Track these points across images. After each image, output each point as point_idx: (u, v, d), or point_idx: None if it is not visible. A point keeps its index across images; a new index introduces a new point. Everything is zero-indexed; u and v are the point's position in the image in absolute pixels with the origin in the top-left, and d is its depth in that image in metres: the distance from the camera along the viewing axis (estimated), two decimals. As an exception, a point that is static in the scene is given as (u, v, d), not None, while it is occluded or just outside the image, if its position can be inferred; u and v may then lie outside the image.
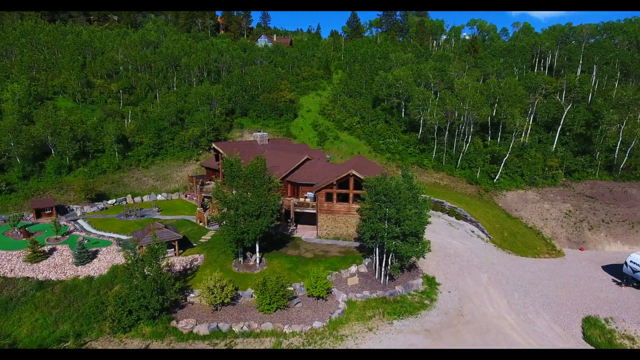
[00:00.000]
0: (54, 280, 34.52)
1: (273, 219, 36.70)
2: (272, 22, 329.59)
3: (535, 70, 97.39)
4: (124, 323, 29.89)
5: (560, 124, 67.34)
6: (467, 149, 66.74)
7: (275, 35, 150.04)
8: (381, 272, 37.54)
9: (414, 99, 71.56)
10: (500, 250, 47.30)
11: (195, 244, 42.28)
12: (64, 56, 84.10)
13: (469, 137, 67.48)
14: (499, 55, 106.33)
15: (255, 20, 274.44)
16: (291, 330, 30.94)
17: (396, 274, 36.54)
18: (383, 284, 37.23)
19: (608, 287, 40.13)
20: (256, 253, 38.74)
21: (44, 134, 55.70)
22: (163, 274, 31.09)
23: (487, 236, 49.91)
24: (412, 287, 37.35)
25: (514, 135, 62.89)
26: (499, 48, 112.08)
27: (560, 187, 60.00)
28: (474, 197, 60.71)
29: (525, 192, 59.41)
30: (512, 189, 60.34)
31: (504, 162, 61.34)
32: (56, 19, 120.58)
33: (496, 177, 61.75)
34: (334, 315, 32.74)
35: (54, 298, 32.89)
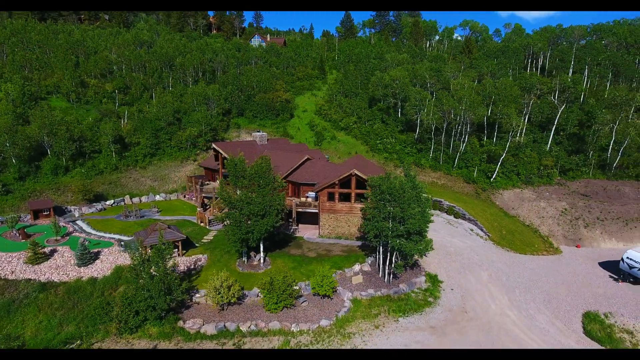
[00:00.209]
0: (57, 281, 34.13)
1: (278, 218, 36.80)
2: (264, 22, 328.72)
3: (528, 71, 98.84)
4: (130, 324, 29.72)
5: (554, 123, 68.49)
6: (464, 149, 67.53)
7: (268, 35, 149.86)
8: (385, 271, 37.85)
9: (411, 99, 72.19)
10: (499, 248, 48.00)
11: (198, 245, 42.13)
12: (57, 55, 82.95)
13: (465, 137, 68.26)
14: (492, 56, 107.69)
15: (248, 19, 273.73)
16: (299, 329, 31.06)
17: (400, 272, 36.91)
18: (387, 282, 37.55)
19: (605, 283, 40.98)
20: (260, 252, 38.78)
21: (40, 135, 54.95)
22: (170, 274, 30.97)
23: (486, 234, 50.59)
24: (416, 285, 37.73)
25: (511, 135, 63.79)
26: (493, 49, 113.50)
27: (555, 186, 61.06)
28: (471, 196, 61.47)
29: (521, 191, 60.32)
30: (509, 187, 61.22)
31: (500, 162, 62.19)
32: (46, 18, 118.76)
33: (493, 176, 62.59)
34: (341, 313, 32.95)
35: (58, 300, 32.52)
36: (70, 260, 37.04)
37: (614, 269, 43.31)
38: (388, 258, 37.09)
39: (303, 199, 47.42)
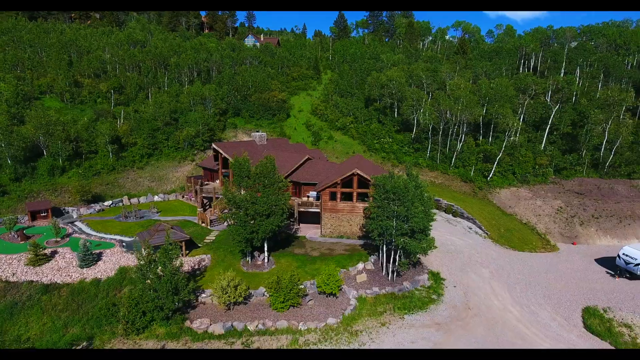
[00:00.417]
0: (60, 283, 33.79)
1: (283, 217, 36.89)
2: (256, 22, 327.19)
3: (520, 71, 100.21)
4: (137, 324, 29.60)
5: (548, 123, 69.60)
6: (461, 148, 68.27)
7: (262, 35, 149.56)
8: (388, 269, 38.18)
9: (408, 99, 72.75)
10: (498, 245, 48.70)
11: (201, 245, 41.99)
12: (49, 55, 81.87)
13: (462, 137, 69.02)
14: (486, 57, 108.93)
15: (240, 19, 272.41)
16: (306, 327, 31.20)
17: (405, 270, 37.25)
18: (391, 280, 37.88)
19: (603, 279, 41.87)
20: (264, 252, 38.81)
21: (35, 135, 54.19)
22: (177, 274, 30.85)
23: (485, 232, 51.27)
24: (419, 283, 38.13)
25: (507, 135, 64.68)
26: (487, 50, 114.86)
27: (550, 185, 62.06)
28: (468, 195, 62.20)
29: (517, 190, 61.22)
30: (505, 186, 62.08)
31: (497, 161, 63.03)
32: (37, 17, 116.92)
33: (489, 175, 63.40)
34: (347, 311, 33.17)
35: (62, 301, 32.23)
36: (72, 261, 36.66)
37: (610, 265, 44.26)
38: (392, 256, 37.42)
39: (305, 199, 47.55)
